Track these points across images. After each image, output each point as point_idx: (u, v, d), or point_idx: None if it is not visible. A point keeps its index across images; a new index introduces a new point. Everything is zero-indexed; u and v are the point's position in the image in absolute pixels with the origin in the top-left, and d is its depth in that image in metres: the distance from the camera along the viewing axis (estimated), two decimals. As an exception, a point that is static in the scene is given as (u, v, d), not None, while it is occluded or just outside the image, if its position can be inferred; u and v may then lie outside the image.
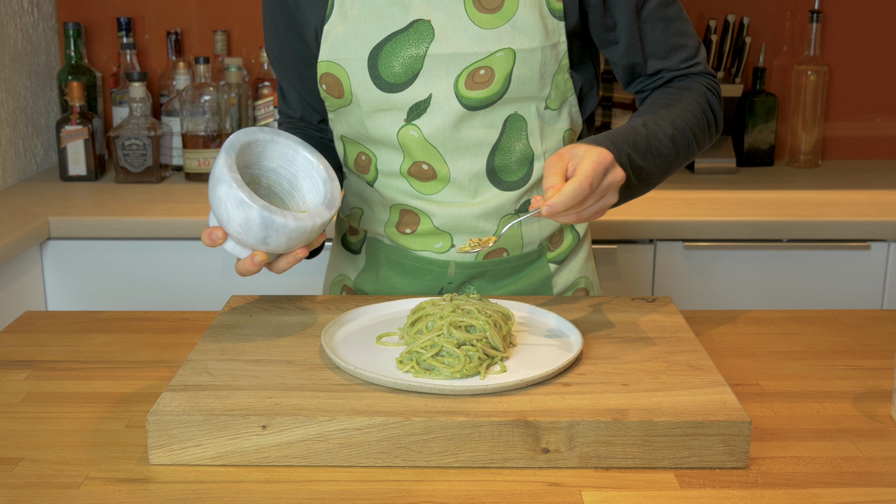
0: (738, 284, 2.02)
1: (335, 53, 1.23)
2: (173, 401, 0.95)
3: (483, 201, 1.27)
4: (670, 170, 1.23)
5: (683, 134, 1.23)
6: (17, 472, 0.92)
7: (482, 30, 1.19)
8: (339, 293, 1.41)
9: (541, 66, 1.21)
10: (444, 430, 0.92)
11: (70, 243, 1.97)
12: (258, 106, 2.39)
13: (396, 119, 1.23)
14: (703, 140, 1.27)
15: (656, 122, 1.21)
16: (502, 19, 1.19)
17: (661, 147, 1.20)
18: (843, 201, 2.12)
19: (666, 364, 1.05)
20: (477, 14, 1.19)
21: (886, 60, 2.56)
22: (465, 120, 1.22)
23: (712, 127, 1.28)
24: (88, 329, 1.29)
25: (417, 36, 1.20)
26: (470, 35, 1.19)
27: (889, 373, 1.15)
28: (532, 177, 1.27)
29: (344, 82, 1.23)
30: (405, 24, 1.20)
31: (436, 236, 1.29)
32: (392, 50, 1.20)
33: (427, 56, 1.20)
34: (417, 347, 1.02)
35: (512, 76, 1.20)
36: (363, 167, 1.31)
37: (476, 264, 1.30)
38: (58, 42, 2.49)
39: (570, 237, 1.36)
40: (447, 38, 1.19)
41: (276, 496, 0.88)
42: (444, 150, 1.24)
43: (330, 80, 1.25)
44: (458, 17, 1.19)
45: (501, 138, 1.24)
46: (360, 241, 1.38)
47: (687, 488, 0.90)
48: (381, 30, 1.20)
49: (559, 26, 1.21)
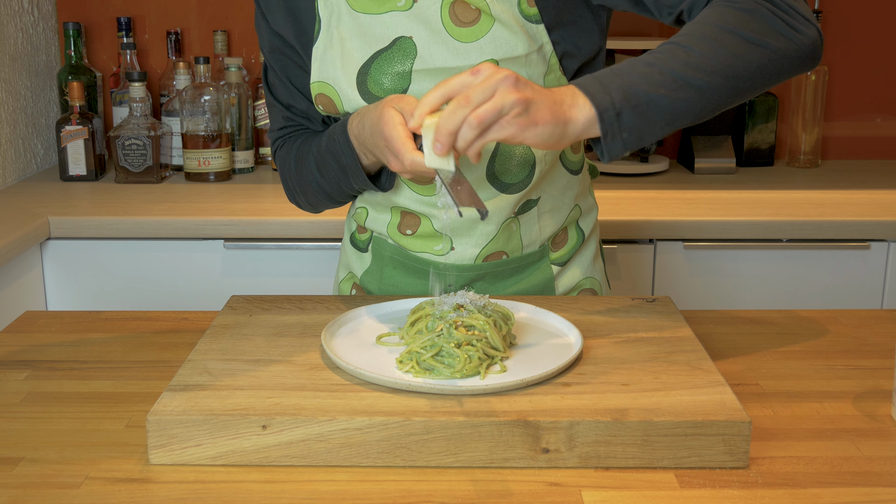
0: (738, 284, 2.02)
1: (325, 74, 1.24)
2: (173, 401, 0.95)
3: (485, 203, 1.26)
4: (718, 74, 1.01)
5: (708, 33, 1.03)
6: (17, 472, 0.92)
7: (462, 44, 1.18)
8: (350, 291, 1.42)
9: (529, 70, 1.19)
10: (444, 430, 0.92)
11: (70, 243, 1.97)
12: (258, 106, 2.39)
13: None
14: (761, 32, 1.03)
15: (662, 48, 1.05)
16: (480, 32, 1.18)
17: (663, 58, 1.03)
18: (843, 201, 2.11)
19: (666, 364, 1.05)
20: (455, 28, 1.18)
21: (886, 60, 2.56)
22: None
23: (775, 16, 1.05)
24: (88, 329, 1.29)
25: (402, 53, 1.20)
26: (451, 49, 1.18)
27: (889, 373, 1.15)
28: (533, 179, 1.27)
29: (336, 101, 1.24)
30: (388, 42, 1.20)
31: (436, 239, 1.29)
32: (379, 68, 1.21)
33: (413, 72, 1.20)
34: (417, 347, 1.02)
35: None
36: None
37: (476, 266, 1.30)
38: (58, 42, 2.49)
39: (574, 237, 1.35)
40: (430, 53, 1.19)
41: (276, 496, 0.88)
42: None
43: (324, 99, 1.26)
44: (438, 33, 1.19)
45: (500, 144, 1.23)
46: (368, 239, 1.38)
47: (687, 488, 0.90)
48: (367, 49, 1.21)
49: (539, 30, 1.20)
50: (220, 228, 1.95)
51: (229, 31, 2.52)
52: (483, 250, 1.28)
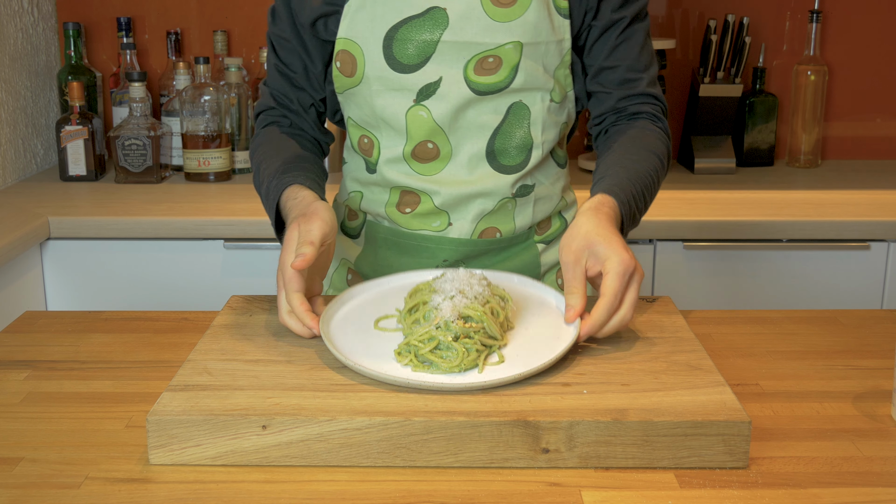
0: (738, 284, 2.02)
1: (353, 32, 1.26)
2: (173, 401, 0.95)
3: (480, 179, 1.30)
4: None
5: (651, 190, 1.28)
6: (17, 472, 0.92)
7: (494, 22, 1.23)
8: (346, 275, 1.44)
9: (544, 59, 1.27)
10: (444, 430, 0.92)
11: (70, 243, 1.97)
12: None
13: (406, 99, 1.27)
14: None
15: (645, 169, 1.26)
16: (515, 14, 1.24)
17: (649, 190, 1.26)
18: (843, 201, 2.11)
19: (666, 364, 1.05)
20: (492, 7, 1.23)
21: (886, 60, 2.56)
22: (472, 104, 1.27)
23: None
24: (88, 329, 1.29)
25: (432, 22, 1.24)
26: (482, 26, 1.23)
27: (889, 373, 1.15)
28: (529, 163, 1.32)
29: (358, 60, 1.27)
30: (422, 10, 1.24)
31: (434, 216, 1.33)
32: (407, 33, 1.24)
33: (440, 42, 1.24)
34: (415, 340, 1.02)
35: (519, 67, 1.25)
36: (367, 150, 1.34)
37: (471, 242, 1.34)
38: (58, 42, 2.49)
39: (557, 223, 1.41)
40: (460, 26, 1.24)
41: (276, 496, 0.88)
42: (449, 131, 1.28)
43: (345, 57, 1.28)
44: (473, 9, 1.23)
45: (504, 123, 1.29)
46: (360, 225, 1.41)
47: (687, 488, 0.90)
48: (398, 13, 1.24)
49: (565, 24, 1.27)
50: (220, 228, 1.95)
51: (229, 31, 2.52)
52: (479, 224, 1.33)
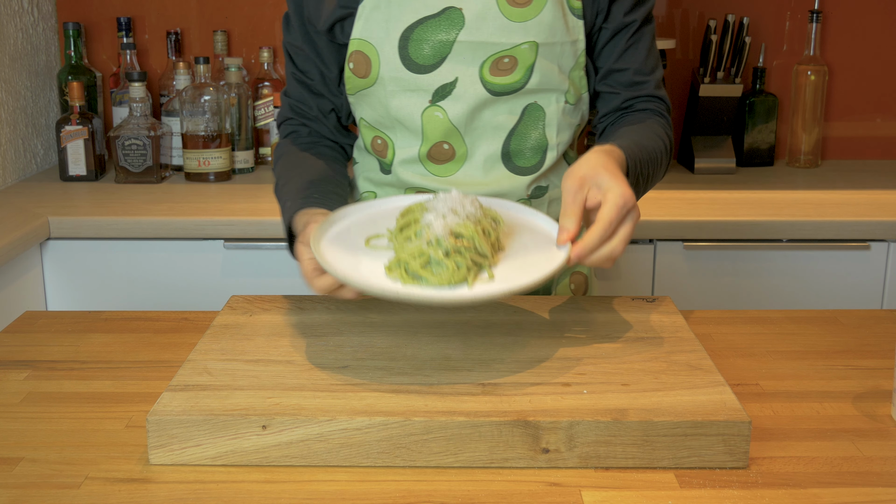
0: (738, 284, 2.02)
1: (367, 32, 1.26)
2: (173, 401, 0.95)
3: (495, 181, 1.30)
4: None
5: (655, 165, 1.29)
6: (17, 472, 0.92)
7: (510, 22, 1.24)
8: None
9: (560, 60, 1.27)
10: (444, 430, 0.92)
11: (70, 243, 1.97)
12: (258, 106, 2.39)
13: (422, 100, 1.27)
14: None
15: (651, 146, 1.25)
16: (530, 14, 1.24)
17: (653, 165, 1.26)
18: (843, 201, 2.11)
19: (666, 364, 1.05)
20: (508, 7, 1.24)
21: (886, 60, 2.56)
22: (487, 104, 1.27)
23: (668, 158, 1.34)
24: (88, 329, 1.29)
25: (448, 22, 1.24)
26: (498, 26, 1.24)
27: (889, 373, 1.15)
28: (544, 165, 1.32)
29: (373, 61, 1.26)
30: (438, 10, 1.24)
31: None
32: (422, 33, 1.24)
33: (456, 42, 1.24)
34: (406, 256, 1.02)
35: (534, 68, 1.25)
36: (380, 150, 1.34)
37: None
38: (58, 42, 2.49)
39: None
40: (476, 26, 1.24)
41: (276, 496, 0.88)
42: (465, 132, 1.28)
43: (359, 58, 1.27)
44: (489, 9, 1.23)
45: (519, 124, 1.29)
46: None
47: (687, 488, 0.90)
48: (414, 13, 1.24)
49: (578, 24, 1.27)
50: (220, 228, 1.95)
51: (229, 31, 2.52)
52: None
